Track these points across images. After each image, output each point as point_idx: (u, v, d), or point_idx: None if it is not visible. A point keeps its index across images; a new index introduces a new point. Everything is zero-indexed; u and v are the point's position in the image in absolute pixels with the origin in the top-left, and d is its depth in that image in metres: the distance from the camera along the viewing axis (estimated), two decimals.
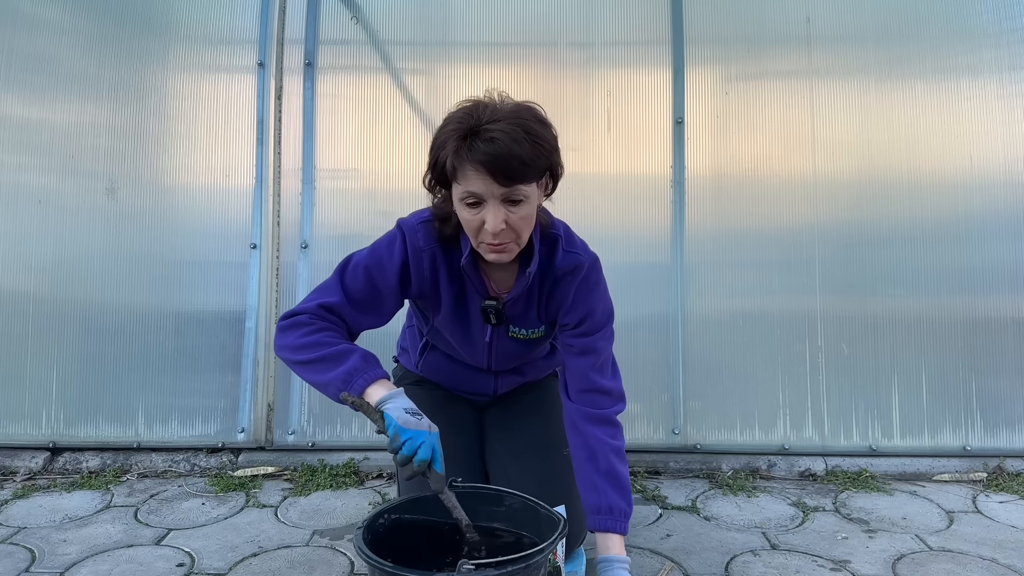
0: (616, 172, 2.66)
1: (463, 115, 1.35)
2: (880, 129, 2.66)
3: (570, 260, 1.58)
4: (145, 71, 2.67)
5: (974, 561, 1.89)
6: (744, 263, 2.63)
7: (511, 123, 1.32)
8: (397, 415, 1.33)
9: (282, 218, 2.63)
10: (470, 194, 1.36)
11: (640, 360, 2.57)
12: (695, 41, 2.69)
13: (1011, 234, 2.61)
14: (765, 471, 2.51)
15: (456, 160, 1.33)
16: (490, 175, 1.32)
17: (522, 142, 1.32)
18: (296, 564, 1.86)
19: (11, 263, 2.59)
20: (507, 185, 1.34)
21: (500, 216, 1.36)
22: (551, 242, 1.57)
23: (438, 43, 2.71)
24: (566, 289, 1.58)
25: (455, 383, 1.84)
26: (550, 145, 1.39)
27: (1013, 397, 2.56)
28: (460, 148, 1.32)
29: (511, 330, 1.64)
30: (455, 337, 1.68)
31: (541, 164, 1.38)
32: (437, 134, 1.39)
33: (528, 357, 1.77)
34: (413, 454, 1.30)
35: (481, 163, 1.31)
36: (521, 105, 1.39)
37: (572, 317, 1.59)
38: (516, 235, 1.42)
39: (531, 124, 1.35)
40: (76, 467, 2.49)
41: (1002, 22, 2.68)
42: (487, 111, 1.34)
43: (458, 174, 1.35)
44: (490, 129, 1.31)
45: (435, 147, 1.39)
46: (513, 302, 1.59)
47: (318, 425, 2.56)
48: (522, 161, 1.32)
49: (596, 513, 1.53)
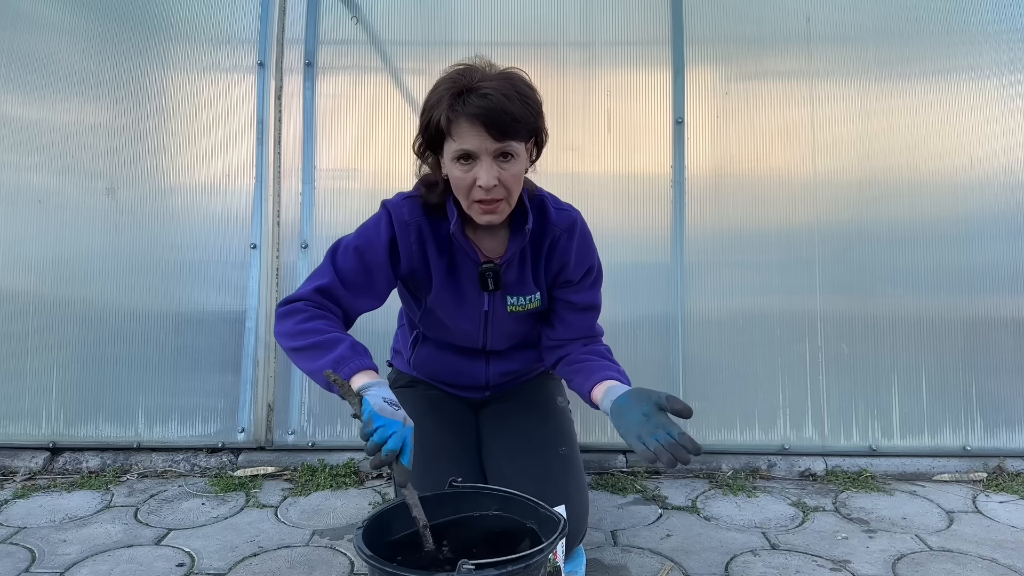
0: (616, 172, 2.66)
1: (456, 75, 1.41)
2: (880, 129, 2.66)
3: (564, 217, 1.63)
4: (145, 71, 2.67)
5: (974, 561, 1.89)
6: (744, 263, 2.63)
7: (502, 82, 1.40)
8: (375, 402, 1.33)
9: (282, 218, 2.63)
10: (463, 151, 1.41)
11: (640, 360, 2.57)
12: (695, 41, 2.69)
13: (1011, 234, 2.61)
14: (765, 471, 2.51)
15: (451, 114, 1.38)
16: (484, 128, 1.38)
17: (514, 99, 1.38)
18: (296, 564, 1.86)
19: (11, 263, 2.59)
20: (500, 140, 1.39)
21: (493, 172, 1.41)
22: (539, 203, 1.62)
23: (438, 43, 2.71)
24: (566, 246, 1.62)
25: (448, 376, 1.84)
26: (537, 107, 1.46)
27: (1013, 397, 2.56)
28: (455, 103, 1.38)
29: (508, 303, 1.65)
30: (449, 312, 1.67)
31: (530, 123, 1.44)
32: (429, 96, 1.45)
33: (519, 338, 1.77)
34: (383, 443, 1.29)
35: (475, 116, 1.36)
36: (509, 70, 1.46)
37: (576, 273, 1.66)
38: (507, 192, 1.46)
39: (520, 86, 1.43)
40: (76, 467, 2.49)
41: (1002, 22, 2.68)
42: (478, 73, 1.41)
43: (452, 128, 1.40)
44: (483, 86, 1.37)
45: (427, 108, 1.45)
46: (508, 265, 1.61)
47: (318, 425, 2.56)
48: (514, 117, 1.38)
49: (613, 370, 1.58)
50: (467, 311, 1.67)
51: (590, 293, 1.71)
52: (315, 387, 2.56)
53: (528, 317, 1.71)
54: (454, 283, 1.63)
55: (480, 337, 1.72)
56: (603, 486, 2.38)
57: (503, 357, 1.80)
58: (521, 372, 1.85)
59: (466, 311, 1.67)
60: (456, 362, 1.80)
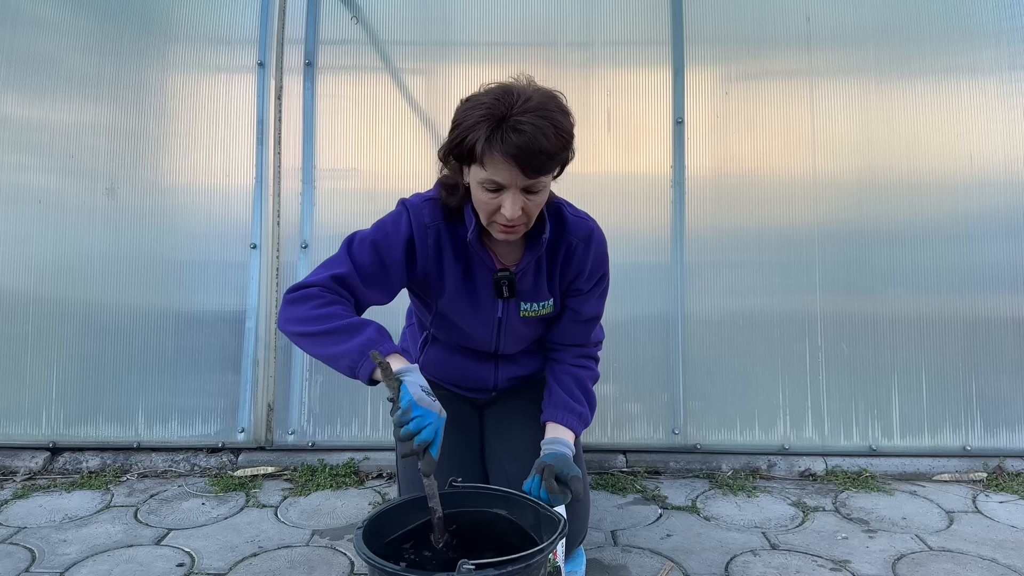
0: (616, 172, 2.66)
1: (492, 101, 1.37)
2: (880, 129, 2.66)
3: (582, 226, 1.63)
4: (145, 71, 2.67)
5: (974, 561, 1.89)
6: (744, 263, 2.63)
7: (539, 115, 1.35)
8: (414, 390, 1.31)
9: (282, 218, 2.63)
10: (492, 181, 1.39)
11: (640, 360, 2.57)
12: (695, 41, 2.69)
13: (1011, 234, 2.61)
14: (765, 471, 2.51)
15: (487, 147, 1.36)
16: (518, 167, 1.36)
17: (549, 135, 1.35)
18: (296, 564, 1.86)
19: (11, 263, 2.59)
20: (532, 177, 1.38)
21: (518, 204, 1.41)
22: (555, 211, 1.61)
23: (438, 43, 2.71)
24: (583, 255, 1.62)
25: (456, 378, 1.84)
26: (571, 136, 1.43)
27: (1013, 397, 2.56)
28: (492, 136, 1.35)
29: (522, 308, 1.66)
30: (463, 317, 1.67)
31: (563, 156, 1.43)
32: (464, 114, 1.41)
33: (531, 341, 1.78)
34: (418, 432, 1.29)
35: (511, 155, 1.34)
36: (547, 94, 1.41)
37: (589, 282, 1.66)
38: (528, 219, 1.46)
39: (557, 116, 1.38)
40: (76, 467, 2.49)
41: (1002, 22, 2.68)
42: (516, 98, 1.37)
43: (485, 159, 1.38)
44: (521, 121, 1.34)
45: (461, 127, 1.40)
46: (523, 273, 1.61)
47: (318, 425, 2.56)
48: (549, 155, 1.36)
49: (567, 411, 1.66)
50: (481, 317, 1.67)
51: (597, 304, 1.71)
52: (315, 387, 2.56)
53: (540, 322, 1.71)
54: (469, 289, 1.63)
55: (493, 342, 1.72)
56: (603, 486, 2.38)
57: (513, 362, 1.80)
58: (529, 375, 1.86)
59: (480, 317, 1.67)
60: (466, 365, 1.80)
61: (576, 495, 1.46)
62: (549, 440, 1.61)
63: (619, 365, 2.56)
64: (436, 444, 1.31)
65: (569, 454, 1.56)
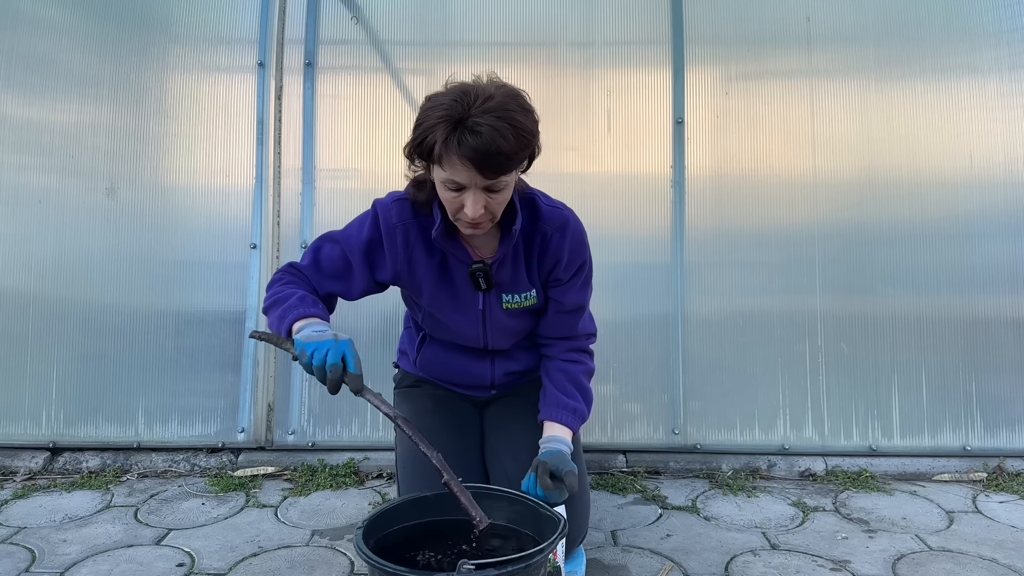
0: (616, 172, 2.66)
1: (451, 101, 1.37)
2: (880, 129, 2.66)
3: (556, 215, 1.62)
4: (145, 71, 2.67)
5: (974, 561, 1.89)
6: (744, 263, 2.63)
7: (497, 115, 1.35)
8: (303, 335, 1.38)
9: (282, 218, 2.63)
10: (452, 181, 1.40)
11: (640, 360, 2.57)
12: (695, 41, 2.69)
13: (1011, 234, 2.61)
14: (765, 471, 2.51)
15: (443, 149, 1.36)
16: (476, 169, 1.36)
17: (507, 136, 1.35)
18: (296, 564, 1.86)
19: (11, 263, 2.59)
20: (491, 178, 1.39)
21: (480, 203, 1.41)
22: (529, 200, 1.61)
23: (438, 43, 2.71)
24: (559, 244, 1.62)
25: (453, 376, 1.84)
26: (532, 134, 1.42)
27: (1013, 397, 2.56)
28: (449, 138, 1.35)
29: (504, 300, 1.66)
30: (447, 314, 1.68)
31: (524, 155, 1.43)
32: (424, 114, 1.42)
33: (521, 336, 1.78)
34: (322, 364, 1.32)
35: (468, 158, 1.34)
36: (509, 93, 1.41)
37: (568, 272, 1.65)
38: (493, 215, 1.47)
39: (516, 116, 1.38)
40: (76, 467, 2.49)
41: (1002, 22, 2.68)
42: (474, 99, 1.37)
43: (443, 161, 1.38)
44: (479, 123, 1.33)
45: (421, 128, 1.41)
46: (500, 264, 1.62)
47: (318, 425, 2.56)
48: (507, 156, 1.36)
49: (562, 408, 1.66)
50: (463, 311, 1.67)
51: (580, 293, 1.70)
52: (315, 387, 2.57)
53: (527, 314, 1.71)
54: (448, 284, 1.64)
55: (480, 337, 1.72)
56: (603, 486, 2.38)
57: (508, 357, 1.80)
58: (526, 371, 1.85)
59: (462, 311, 1.67)
60: (461, 362, 1.80)
61: (571, 490, 1.47)
62: (546, 439, 1.61)
63: (619, 365, 2.56)
64: (350, 363, 1.34)
65: (565, 451, 1.56)
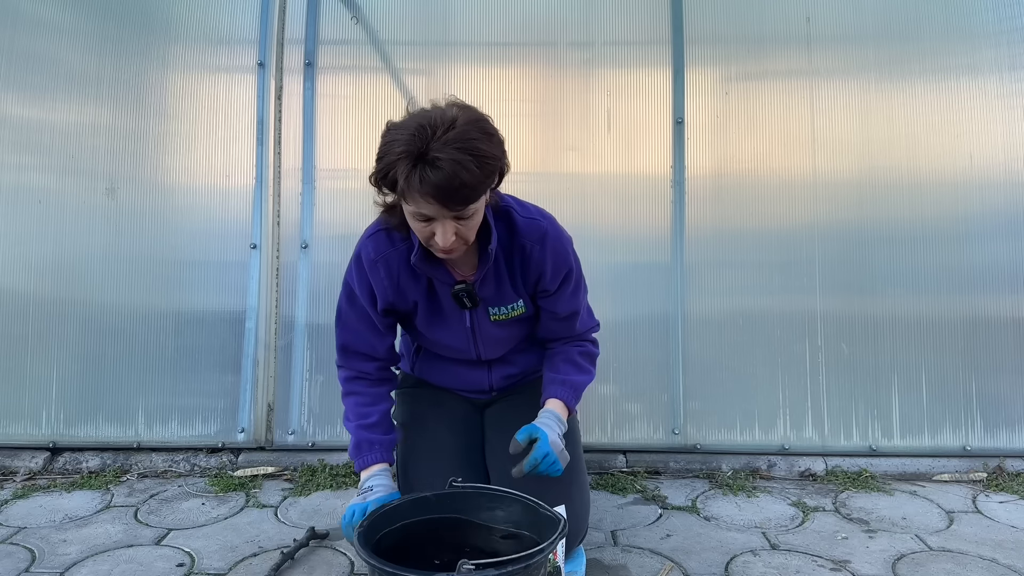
0: (616, 172, 2.65)
1: (409, 137, 1.32)
2: (880, 129, 2.65)
3: (533, 227, 1.60)
4: (145, 71, 2.67)
5: (974, 561, 1.89)
6: (744, 263, 2.63)
7: (458, 147, 1.31)
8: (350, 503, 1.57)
9: (282, 218, 2.63)
10: (420, 214, 1.39)
11: (640, 360, 2.57)
12: (695, 41, 2.69)
13: (1011, 234, 2.61)
14: (765, 471, 2.51)
15: (406, 185, 1.34)
16: (439, 204, 1.34)
17: (469, 167, 1.31)
18: (296, 564, 1.87)
19: (11, 263, 2.59)
20: (457, 210, 1.37)
21: (450, 231, 1.40)
22: (504, 214, 1.59)
23: (438, 43, 2.70)
24: (540, 257, 1.60)
25: (451, 383, 1.84)
26: (496, 158, 1.39)
27: (1013, 397, 2.56)
28: (410, 176, 1.32)
29: (491, 313, 1.66)
30: (438, 334, 1.70)
31: (489, 182, 1.40)
32: (385, 147, 1.37)
33: (515, 341, 1.77)
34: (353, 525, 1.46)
35: (431, 194, 1.32)
36: (470, 118, 1.36)
37: (554, 282, 1.64)
38: (465, 240, 1.45)
39: (478, 144, 1.33)
40: (76, 467, 2.49)
41: (1002, 22, 2.68)
42: (433, 130, 1.32)
43: (407, 196, 1.36)
44: (439, 158, 1.29)
45: (384, 162, 1.37)
46: (482, 281, 1.61)
47: (318, 425, 2.56)
48: (471, 187, 1.33)
49: (554, 384, 1.68)
50: (453, 330, 1.68)
51: (572, 300, 1.69)
52: (315, 387, 2.57)
53: (516, 323, 1.71)
54: (434, 305, 1.66)
55: (472, 350, 1.73)
56: (603, 486, 2.38)
57: (504, 362, 1.80)
58: (526, 373, 1.86)
59: (452, 330, 1.68)
60: (457, 371, 1.81)
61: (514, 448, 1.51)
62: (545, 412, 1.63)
63: (619, 365, 2.56)
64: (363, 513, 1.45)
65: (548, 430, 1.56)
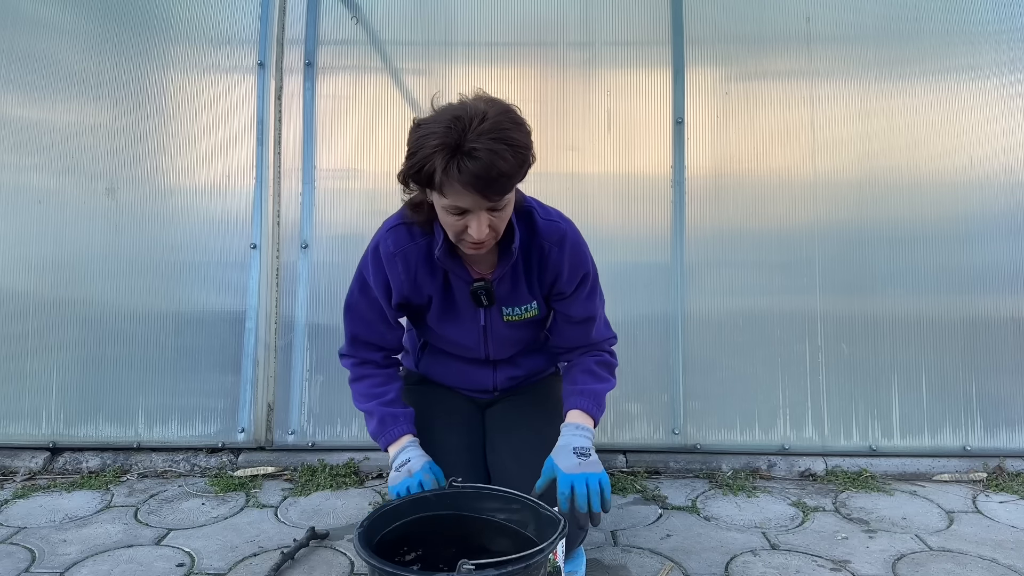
0: (616, 172, 2.66)
1: (444, 129, 1.34)
2: (880, 129, 2.65)
3: (553, 229, 1.61)
4: (145, 71, 2.67)
5: (974, 561, 1.89)
6: (744, 263, 2.63)
7: (493, 137, 1.33)
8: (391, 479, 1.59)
9: (282, 218, 2.63)
10: (455, 207, 1.40)
11: (640, 360, 2.57)
12: (695, 41, 2.69)
13: (1011, 234, 2.61)
14: (765, 471, 2.51)
15: (444, 177, 1.34)
16: (479, 194, 1.35)
17: (506, 156, 1.33)
18: (296, 564, 1.87)
19: (11, 263, 2.59)
20: (495, 200, 1.39)
21: (484, 224, 1.41)
22: (526, 215, 1.60)
23: (438, 43, 2.70)
24: (558, 259, 1.61)
25: (454, 381, 1.85)
26: (527, 147, 1.41)
27: (1013, 397, 2.56)
28: (448, 167, 1.33)
29: (504, 313, 1.66)
30: (449, 330, 1.70)
31: (523, 170, 1.41)
32: (417, 143, 1.38)
33: (524, 344, 1.77)
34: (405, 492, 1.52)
35: (470, 184, 1.33)
36: (500, 110, 1.38)
37: (570, 285, 1.64)
38: (496, 233, 1.47)
39: (511, 133, 1.36)
40: (76, 467, 2.49)
41: (1002, 22, 2.68)
42: (469, 121, 1.33)
43: (445, 189, 1.37)
44: (476, 148, 1.31)
45: (417, 157, 1.38)
46: (500, 281, 1.62)
47: (318, 425, 2.56)
48: (509, 176, 1.36)
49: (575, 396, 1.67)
50: (465, 327, 1.68)
51: (587, 304, 1.69)
52: (315, 387, 2.58)
53: (528, 324, 1.71)
54: (449, 301, 1.66)
55: (482, 349, 1.73)
56: None
57: (510, 363, 1.81)
58: (530, 375, 1.86)
59: (464, 327, 1.68)
60: (462, 369, 1.81)
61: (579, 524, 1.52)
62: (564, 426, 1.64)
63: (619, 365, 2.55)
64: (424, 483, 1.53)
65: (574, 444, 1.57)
